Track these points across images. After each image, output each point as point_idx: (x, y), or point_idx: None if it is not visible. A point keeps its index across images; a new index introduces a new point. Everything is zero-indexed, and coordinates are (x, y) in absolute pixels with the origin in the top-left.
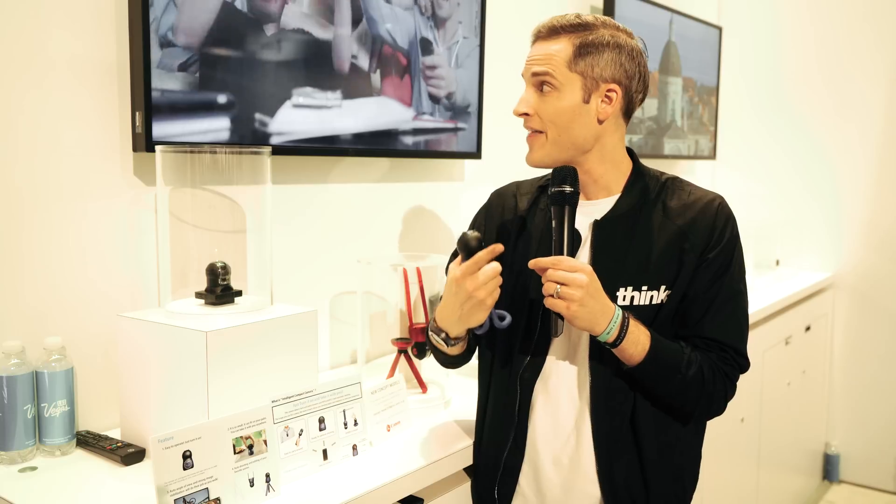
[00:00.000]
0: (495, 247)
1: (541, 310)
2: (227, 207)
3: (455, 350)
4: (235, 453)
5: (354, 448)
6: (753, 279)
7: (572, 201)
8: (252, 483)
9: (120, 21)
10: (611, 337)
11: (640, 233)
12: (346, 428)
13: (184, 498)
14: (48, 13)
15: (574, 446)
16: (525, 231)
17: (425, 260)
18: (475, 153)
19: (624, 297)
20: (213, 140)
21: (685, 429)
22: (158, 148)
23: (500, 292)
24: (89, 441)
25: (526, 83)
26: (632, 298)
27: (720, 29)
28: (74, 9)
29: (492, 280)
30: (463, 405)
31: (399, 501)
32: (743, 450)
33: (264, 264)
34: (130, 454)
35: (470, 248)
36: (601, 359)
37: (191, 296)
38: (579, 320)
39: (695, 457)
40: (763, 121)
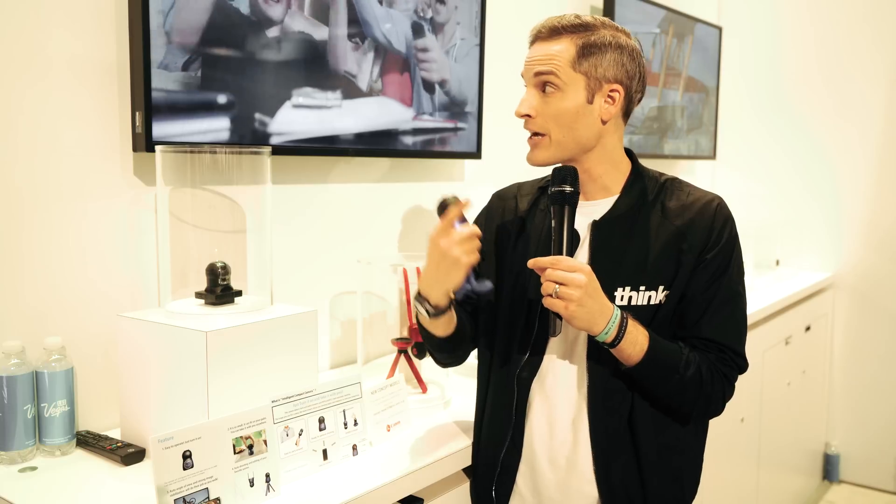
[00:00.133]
0: (465, 202)
1: (539, 309)
2: (227, 207)
3: (440, 328)
4: (235, 453)
5: (354, 448)
6: (753, 279)
7: (572, 201)
8: (252, 483)
9: (120, 21)
10: (609, 337)
11: (639, 233)
12: (346, 428)
13: (184, 498)
14: (48, 13)
15: (571, 446)
16: (525, 231)
17: (425, 260)
18: (475, 153)
19: (622, 298)
20: (213, 140)
21: (685, 430)
22: (158, 148)
23: (503, 293)
24: (89, 441)
25: (527, 84)
26: (629, 298)
27: (720, 29)
28: (74, 9)
29: (468, 239)
30: (462, 405)
31: (399, 501)
32: (743, 450)
33: (264, 264)
34: (130, 454)
35: (446, 208)
36: (599, 359)
37: (191, 296)
38: (577, 320)
39: (695, 459)
40: (763, 121)
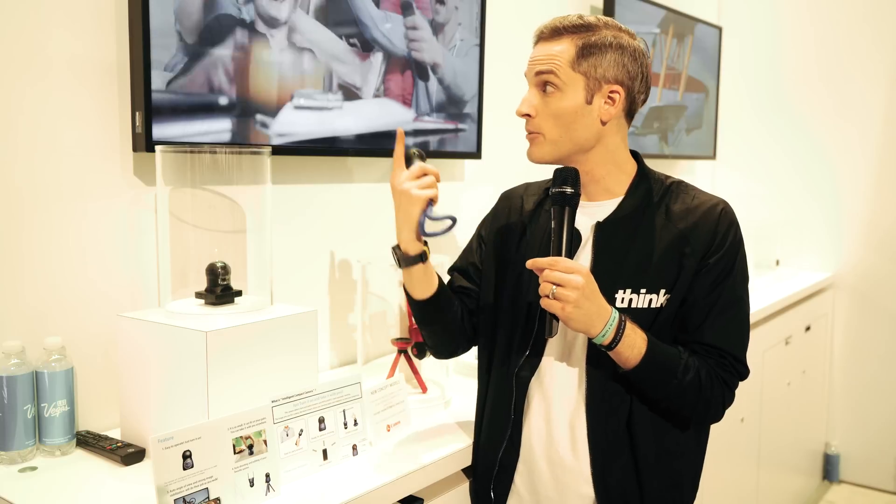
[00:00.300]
0: (401, 131)
1: (539, 310)
2: (227, 207)
3: (416, 286)
4: (235, 453)
5: (354, 448)
6: (753, 279)
7: (572, 202)
8: (252, 483)
9: (120, 21)
10: (606, 339)
11: (642, 235)
12: (346, 428)
13: (184, 498)
14: (48, 13)
15: (569, 446)
16: (528, 231)
17: None
18: (475, 153)
19: (622, 300)
20: (214, 141)
21: (685, 435)
22: (158, 148)
23: (505, 292)
24: (89, 441)
25: (529, 84)
26: (630, 301)
27: (720, 29)
28: (74, 9)
29: (417, 175)
30: (462, 405)
31: (399, 501)
32: (743, 450)
33: (264, 264)
34: (130, 454)
35: (409, 158)
36: (597, 361)
37: (191, 296)
38: (574, 322)
39: (695, 464)
40: (763, 121)
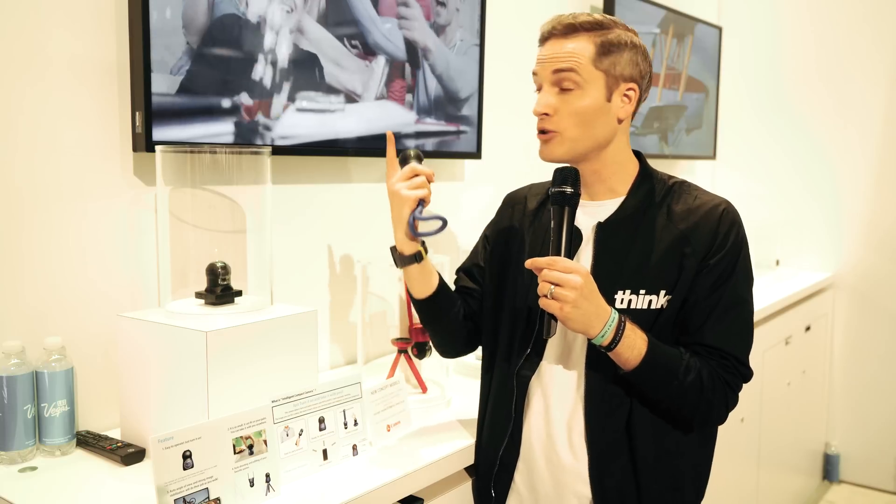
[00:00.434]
0: (391, 134)
1: (540, 310)
2: (227, 207)
3: (416, 284)
4: (235, 453)
5: (354, 448)
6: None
7: (572, 202)
8: (252, 483)
9: (120, 21)
10: (605, 340)
11: (643, 236)
12: (346, 428)
13: (184, 498)
14: (48, 13)
15: (567, 446)
16: (530, 232)
17: None
18: (475, 153)
19: (622, 301)
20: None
21: (687, 437)
22: (158, 148)
23: (506, 293)
24: (89, 441)
25: (543, 82)
26: (629, 302)
27: (720, 29)
28: (74, 8)
29: (408, 176)
30: (463, 405)
31: (399, 501)
32: (743, 450)
33: (264, 264)
34: (130, 454)
35: (405, 159)
36: (597, 361)
37: (191, 296)
38: (573, 322)
39: (699, 467)
40: (763, 121)
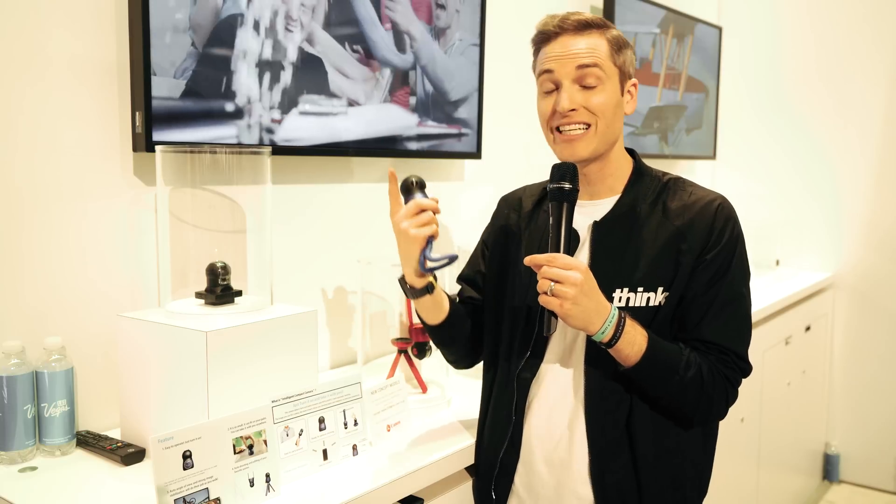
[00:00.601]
0: (392, 171)
1: (540, 310)
2: (227, 207)
3: (427, 312)
4: (235, 453)
5: (354, 448)
6: (753, 279)
7: (571, 198)
8: (252, 483)
9: (120, 21)
10: (605, 337)
11: (639, 234)
12: (346, 428)
13: (184, 498)
14: (48, 13)
15: (567, 447)
16: (527, 231)
17: None
18: (475, 153)
19: (620, 299)
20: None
21: (688, 434)
22: (158, 148)
23: (505, 293)
24: (89, 441)
25: (563, 79)
26: (627, 300)
27: (720, 29)
28: (74, 8)
29: (415, 213)
30: (463, 405)
31: (399, 501)
32: (743, 450)
33: (264, 264)
34: (130, 454)
35: (407, 188)
36: (597, 360)
37: (191, 296)
38: (573, 319)
39: (700, 465)
40: (763, 121)
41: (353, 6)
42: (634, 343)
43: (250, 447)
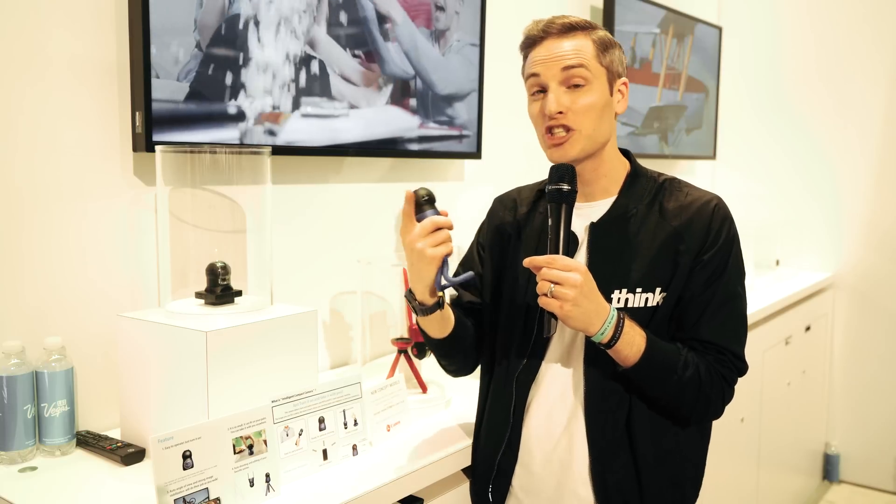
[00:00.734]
0: (409, 194)
1: (538, 311)
2: (227, 207)
3: (433, 328)
4: (235, 453)
5: (354, 448)
6: (753, 279)
7: (569, 200)
8: (252, 483)
9: (120, 21)
10: (605, 337)
11: (636, 234)
12: (346, 428)
13: (184, 498)
14: (48, 13)
15: (567, 448)
16: (523, 233)
17: None
18: (475, 153)
19: (618, 300)
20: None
21: (685, 433)
22: (158, 148)
23: (503, 295)
24: (89, 441)
25: (549, 81)
26: (626, 301)
27: (720, 29)
28: (74, 8)
29: (431, 232)
30: (463, 405)
31: (399, 501)
32: (743, 450)
33: (264, 264)
34: (130, 454)
35: (418, 203)
36: (596, 361)
37: (191, 296)
38: (573, 320)
39: (697, 463)
40: (763, 121)
41: (356, 8)
42: (633, 343)
43: (250, 447)
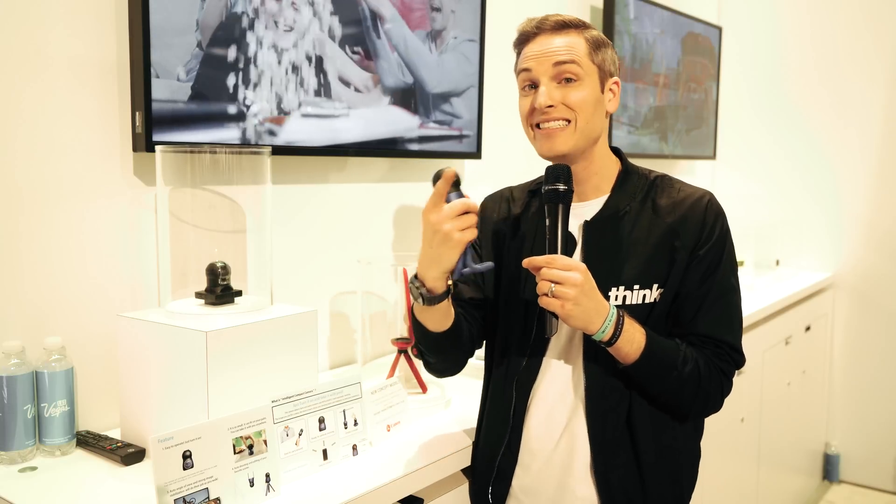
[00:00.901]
0: (451, 173)
1: (536, 311)
2: (227, 207)
3: (433, 320)
4: (235, 453)
5: (354, 448)
6: (753, 279)
7: (566, 199)
8: (252, 483)
9: (120, 21)
10: (606, 336)
11: (631, 232)
12: (346, 428)
13: (184, 498)
14: (48, 13)
15: (568, 448)
16: (518, 233)
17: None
18: (475, 153)
19: (616, 297)
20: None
21: (683, 429)
22: (158, 148)
23: (500, 296)
24: (89, 441)
25: (541, 77)
26: (624, 298)
27: (720, 29)
28: (74, 8)
29: (460, 215)
30: (463, 405)
31: (399, 501)
32: (743, 450)
33: (264, 264)
34: (130, 454)
35: (441, 177)
36: (596, 358)
37: (191, 296)
38: (574, 319)
39: (693, 457)
40: (763, 121)
41: (355, 8)
42: (633, 341)
43: (250, 447)
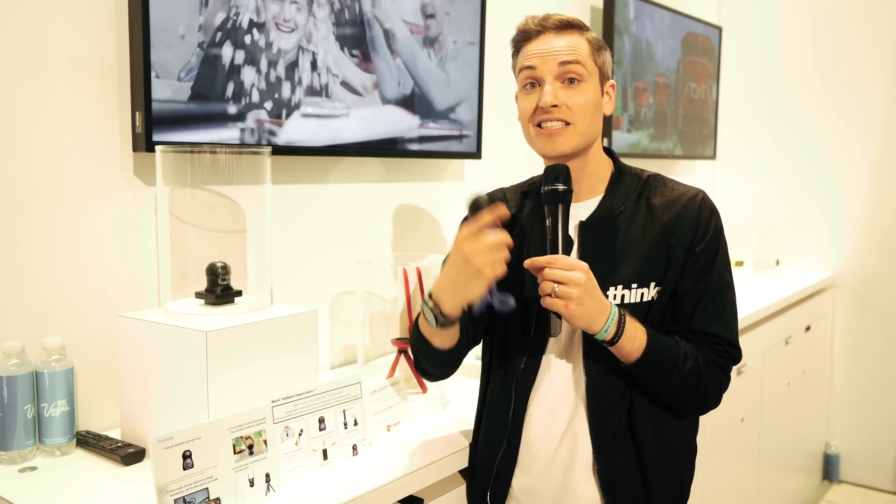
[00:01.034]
0: (499, 206)
1: (536, 311)
2: (227, 207)
3: (441, 339)
4: (235, 453)
5: (354, 448)
6: (753, 279)
7: (566, 199)
8: (252, 483)
9: (120, 21)
10: (608, 335)
11: (627, 231)
12: (346, 428)
13: (184, 498)
14: (48, 13)
15: (570, 448)
16: (513, 235)
17: (425, 259)
18: (475, 153)
19: (615, 297)
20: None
21: (682, 425)
22: (158, 148)
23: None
24: (89, 441)
25: (545, 76)
26: (622, 297)
27: (720, 29)
28: (74, 8)
29: (495, 250)
30: (462, 405)
31: (399, 501)
32: (743, 450)
33: (264, 264)
34: (130, 454)
35: (479, 209)
36: (596, 358)
37: (191, 296)
38: (577, 319)
39: (691, 452)
40: (763, 121)
41: (354, 9)
42: (635, 339)
43: (250, 447)
